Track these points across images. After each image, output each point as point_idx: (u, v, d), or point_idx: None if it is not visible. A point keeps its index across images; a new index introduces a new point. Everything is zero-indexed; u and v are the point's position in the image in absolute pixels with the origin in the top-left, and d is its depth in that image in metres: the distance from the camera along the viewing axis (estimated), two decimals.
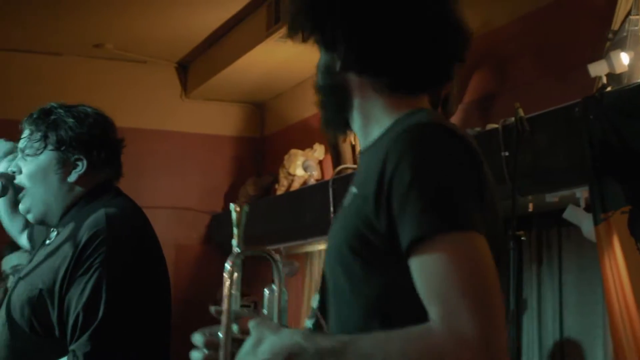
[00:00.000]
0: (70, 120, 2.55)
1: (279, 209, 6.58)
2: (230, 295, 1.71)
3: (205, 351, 1.72)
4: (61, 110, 2.58)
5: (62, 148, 2.53)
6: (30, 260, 2.59)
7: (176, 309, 2.54)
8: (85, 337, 2.31)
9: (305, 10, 1.79)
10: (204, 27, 6.84)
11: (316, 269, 6.53)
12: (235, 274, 1.73)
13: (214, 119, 8.01)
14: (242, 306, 1.74)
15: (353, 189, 1.72)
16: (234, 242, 1.75)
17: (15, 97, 6.68)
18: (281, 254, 6.30)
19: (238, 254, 1.74)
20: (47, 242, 2.56)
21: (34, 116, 2.59)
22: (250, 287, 6.34)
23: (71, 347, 2.33)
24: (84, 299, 2.33)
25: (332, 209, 5.52)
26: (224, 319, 1.69)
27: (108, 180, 2.62)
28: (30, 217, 2.59)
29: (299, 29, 1.80)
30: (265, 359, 1.56)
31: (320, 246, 6.58)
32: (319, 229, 5.86)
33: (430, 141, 1.61)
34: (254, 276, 6.90)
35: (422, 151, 1.59)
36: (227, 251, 1.78)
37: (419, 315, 1.51)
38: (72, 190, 2.56)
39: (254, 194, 7.59)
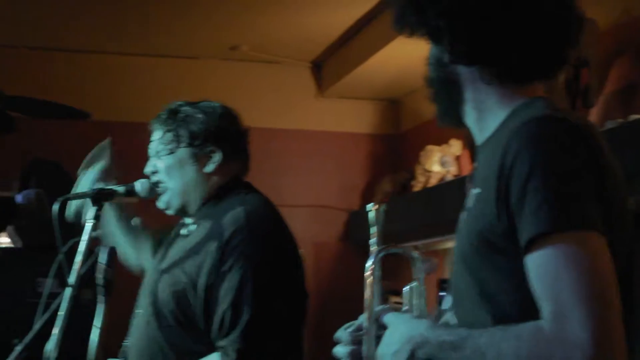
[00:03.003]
0: (200, 115, 2.61)
1: (416, 206, 6.56)
2: (372, 292, 1.73)
3: (350, 347, 1.75)
4: (188, 107, 2.64)
5: (196, 142, 2.59)
6: (166, 252, 2.65)
7: (315, 305, 2.57)
8: (235, 333, 2.36)
9: (409, 3, 1.76)
10: (338, 26, 6.87)
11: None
12: (376, 272, 1.76)
13: (349, 116, 8.05)
14: (398, 304, 1.76)
15: (474, 190, 1.70)
16: (373, 241, 1.76)
17: (154, 100, 6.86)
18: (419, 251, 6.25)
19: (378, 252, 1.76)
20: (184, 232, 2.62)
21: (163, 116, 2.66)
22: (398, 283, 6.36)
23: (221, 344, 2.38)
24: (230, 295, 2.39)
25: None
26: (366, 315, 1.72)
27: (240, 174, 2.68)
28: (170, 211, 2.66)
29: (404, 24, 1.78)
30: (395, 350, 1.59)
31: None
32: (457, 225, 5.81)
33: (549, 136, 1.57)
34: (395, 273, 6.91)
35: (541, 147, 1.55)
36: (365, 248, 1.80)
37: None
38: (209, 181, 2.62)
39: (391, 191, 7.58)
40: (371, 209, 1.77)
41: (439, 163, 6.87)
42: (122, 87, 7.49)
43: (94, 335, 2.28)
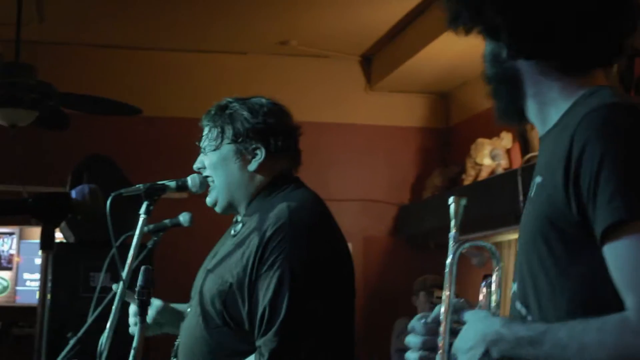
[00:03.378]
0: (245, 112, 2.61)
1: (467, 199, 6.52)
2: (450, 285, 1.74)
3: (423, 337, 1.75)
4: (236, 104, 2.64)
5: (239, 140, 2.60)
6: (216, 252, 2.67)
7: (364, 298, 2.57)
8: (270, 334, 2.37)
9: (464, 2, 1.75)
10: (387, 19, 6.86)
11: (506, 258, 6.44)
12: (454, 266, 1.76)
13: (398, 110, 8.03)
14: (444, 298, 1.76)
15: (537, 179, 1.68)
16: (453, 234, 1.77)
17: (203, 96, 6.90)
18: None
19: (458, 246, 1.76)
20: (232, 232, 2.63)
21: (212, 112, 2.67)
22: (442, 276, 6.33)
23: (257, 343, 2.39)
24: (269, 295, 2.39)
25: (521, 197, 5.43)
26: (444, 308, 1.72)
27: (287, 170, 2.67)
28: (217, 208, 2.67)
29: (460, 23, 1.77)
30: (469, 346, 1.59)
31: (510, 236, 6.47)
32: (508, 219, 5.77)
33: (619, 122, 1.55)
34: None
35: (611, 133, 1.53)
36: (414, 243, 1.80)
37: (619, 304, 1.48)
38: (254, 180, 2.62)
39: (441, 185, 7.55)
40: (452, 201, 1.78)
41: (490, 156, 6.82)
42: (173, 83, 7.56)
43: (132, 358, 2.29)
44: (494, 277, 1.77)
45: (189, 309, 2.64)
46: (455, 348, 1.65)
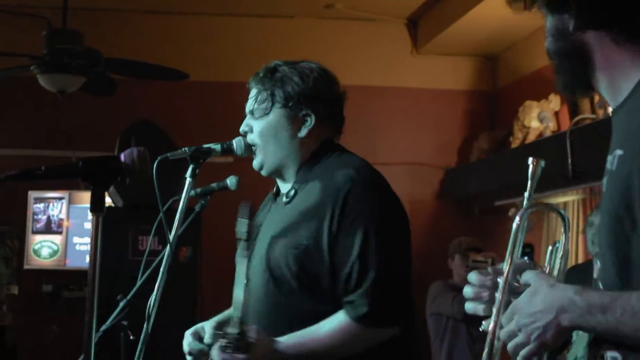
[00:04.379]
0: (296, 76, 2.59)
1: (514, 163, 6.47)
2: (515, 243, 1.74)
3: (480, 289, 1.75)
4: (285, 68, 2.62)
5: (290, 104, 2.58)
6: (264, 222, 2.66)
7: (413, 262, 2.58)
8: (363, 289, 2.39)
9: None
10: None
11: (553, 222, 6.39)
12: (523, 226, 1.76)
13: (445, 73, 7.96)
14: (479, 261, 1.76)
15: (618, 151, 1.64)
16: (527, 194, 1.77)
17: (250, 60, 6.91)
18: (517, 208, 6.21)
19: (528, 208, 1.76)
20: (285, 199, 2.62)
21: (260, 75, 2.65)
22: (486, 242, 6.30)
23: (349, 298, 2.41)
24: (355, 253, 2.40)
25: (569, 160, 5.38)
26: (506, 264, 1.72)
27: (331, 137, 2.66)
28: (263, 172, 2.66)
29: None
30: (538, 310, 1.57)
31: (558, 199, 6.42)
32: (556, 181, 5.73)
33: None
34: (488, 232, 6.87)
35: None
36: (461, 205, 1.80)
37: None
38: (303, 146, 2.61)
39: (488, 148, 7.50)
40: (531, 163, 1.78)
41: (538, 119, 6.75)
42: (219, 48, 7.57)
43: (239, 290, 2.29)
44: (561, 243, 1.76)
45: (246, 282, 2.60)
46: (516, 307, 1.63)
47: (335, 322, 2.42)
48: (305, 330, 2.44)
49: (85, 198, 6.99)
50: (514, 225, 1.75)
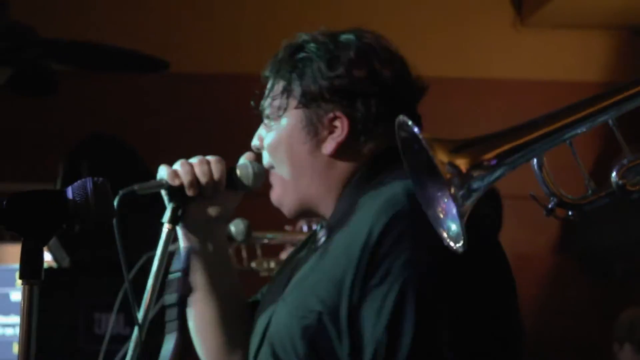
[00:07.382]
0: (322, 61, 2.54)
1: None
2: None
3: None
4: (313, 45, 2.57)
5: (310, 102, 2.55)
6: (280, 272, 2.66)
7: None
8: None
9: None
10: None
11: None
12: None
13: (565, 56, 7.99)
14: None
15: None
16: None
17: (255, 45, 7.00)
18: None
19: None
20: (315, 245, 2.61)
21: (279, 57, 2.62)
22: None
23: None
24: (383, 322, 2.38)
25: None
26: None
27: (390, 148, 2.54)
28: (284, 210, 2.65)
29: None
30: None
31: None
32: None
33: None
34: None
35: None
36: (592, 263, 1.81)
37: None
38: (334, 168, 2.57)
39: None
40: None
41: None
42: (212, 28, 7.62)
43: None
44: None
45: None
46: None
47: None
48: None
49: (11, 255, 7.00)
50: None
